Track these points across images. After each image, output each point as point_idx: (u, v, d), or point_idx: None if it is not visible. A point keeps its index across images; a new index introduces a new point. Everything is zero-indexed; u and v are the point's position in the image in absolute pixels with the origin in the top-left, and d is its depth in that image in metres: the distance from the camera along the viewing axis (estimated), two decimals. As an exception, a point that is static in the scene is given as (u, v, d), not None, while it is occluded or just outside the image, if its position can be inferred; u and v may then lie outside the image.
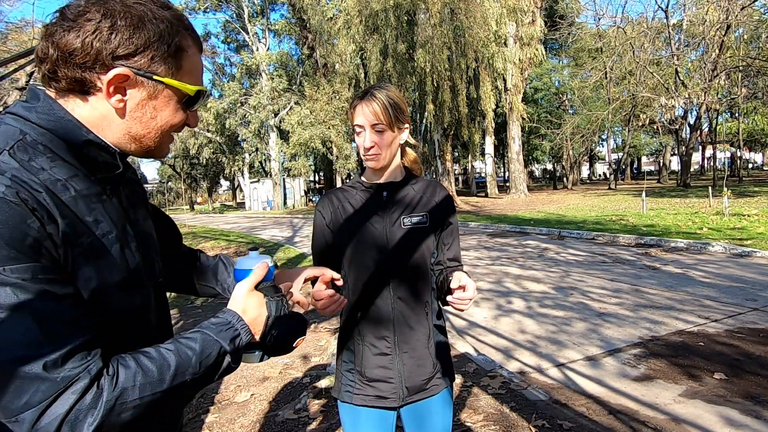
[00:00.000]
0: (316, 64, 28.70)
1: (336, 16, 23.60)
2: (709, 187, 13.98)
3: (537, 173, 53.53)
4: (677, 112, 21.84)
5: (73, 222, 0.64)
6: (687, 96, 19.55)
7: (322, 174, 41.38)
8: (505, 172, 41.60)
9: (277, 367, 3.52)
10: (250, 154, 35.07)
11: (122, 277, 0.70)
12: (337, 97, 24.26)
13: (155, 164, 52.96)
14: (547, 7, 27.95)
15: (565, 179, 31.04)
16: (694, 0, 20.60)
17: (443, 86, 19.25)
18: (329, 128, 24.89)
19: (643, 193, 13.85)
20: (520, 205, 19.56)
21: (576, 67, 29.29)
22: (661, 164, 32.59)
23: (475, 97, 20.31)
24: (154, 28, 0.69)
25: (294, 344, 0.86)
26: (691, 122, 22.89)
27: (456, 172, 39.72)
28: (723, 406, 2.61)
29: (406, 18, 19.65)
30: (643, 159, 48.46)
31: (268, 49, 31.06)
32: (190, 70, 0.76)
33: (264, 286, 0.85)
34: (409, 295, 1.26)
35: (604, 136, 37.35)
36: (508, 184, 27.43)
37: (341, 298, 1.10)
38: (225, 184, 57.81)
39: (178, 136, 34.36)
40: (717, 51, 18.81)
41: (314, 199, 33.80)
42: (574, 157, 30.83)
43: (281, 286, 0.94)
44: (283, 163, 30.05)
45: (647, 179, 29.70)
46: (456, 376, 3.10)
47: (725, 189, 10.87)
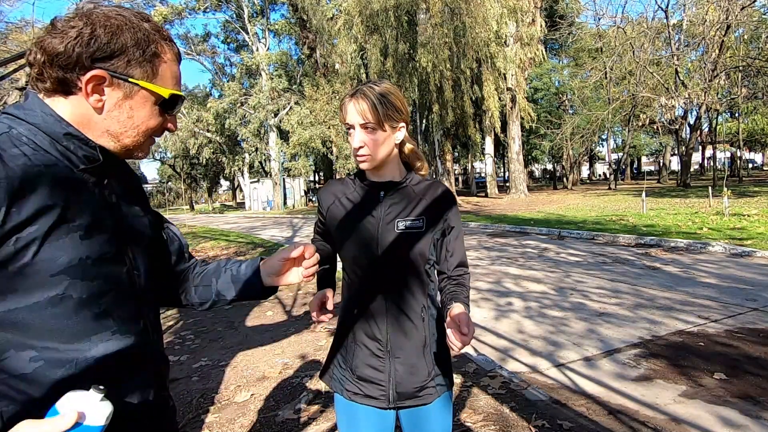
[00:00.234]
0: (316, 64, 28.71)
1: (336, 16, 23.64)
2: (709, 187, 13.98)
3: (537, 173, 53.51)
4: (677, 112, 21.84)
5: (35, 206, 0.68)
6: (687, 96, 19.54)
7: (322, 174, 41.40)
8: (505, 172, 41.60)
9: (276, 367, 3.52)
10: (250, 154, 35.07)
11: (70, 264, 0.71)
12: (337, 97, 24.30)
13: (155, 164, 53.00)
14: (547, 7, 27.96)
15: (565, 179, 31.03)
16: (694, 0, 20.59)
17: (445, 86, 19.27)
18: (329, 128, 24.92)
19: (643, 193, 13.84)
20: (520, 205, 19.56)
21: (576, 67, 29.28)
22: (661, 164, 32.60)
23: (479, 96, 20.34)
24: (132, 35, 0.76)
25: None
26: (691, 122, 22.89)
27: (456, 172, 39.76)
28: (722, 406, 2.61)
29: (406, 18, 19.67)
30: (643, 159, 48.44)
31: (268, 49, 31.06)
32: (166, 76, 0.82)
33: None
34: (403, 300, 1.21)
35: (604, 136, 37.34)
36: (508, 184, 27.43)
37: (333, 315, 1.21)
38: (225, 184, 57.82)
39: (178, 136, 34.65)
40: (717, 51, 18.81)
41: (314, 199, 33.76)
42: (574, 157, 30.82)
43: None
44: (283, 163, 30.07)
45: (647, 179, 29.68)
46: (456, 376, 3.10)
47: (725, 189, 10.86)
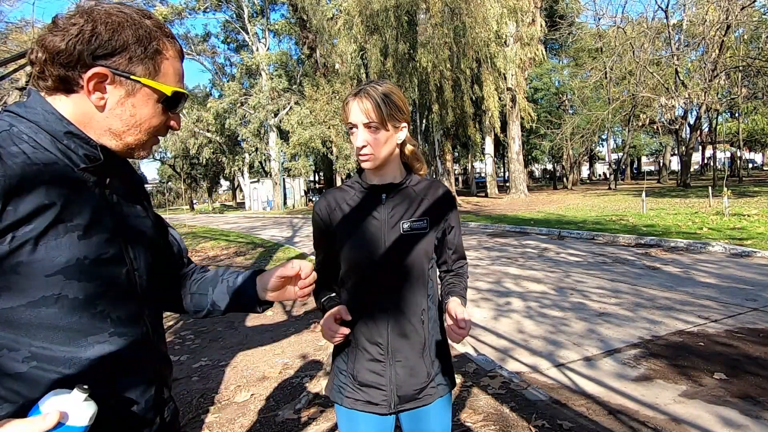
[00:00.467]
0: (316, 64, 28.70)
1: (336, 16, 23.64)
2: (709, 187, 13.98)
3: (537, 173, 53.50)
4: (677, 112, 21.83)
5: (32, 205, 0.67)
6: (687, 96, 19.54)
7: (322, 174, 41.38)
8: (504, 172, 41.60)
9: (276, 367, 3.52)
10: (250, 154, 35.05)
11: (67, 264, 0.70)
12: (337, 97, 24.29)
13: (155, 164, 52.97)
14: (547, 7, 27.96)
15: (565, 179, 31.03)
16: (694, 0, 20.59)
17: (445, 86, 19.27)
18: (329, 128, 24.91)
19: (643, 193, 13.84)
20: (520, 205, 19.55)
21: (576, 67, 29.27)
22: (661, 164, 32.59)
23: (480, 96, 20.33)
24: (133, 32, 0.75)
25: None
26: (691, 122, 22.89)
27: (456, 172, 39.76)
28: (722, 406, 2.61)
29: (406, 18, 19.67)
30: (643, 159, 48.45)
31: (268, 49, 31.05)
32: (168, 73, 0.81)
33: None
34: (405, 303, 1.22)
35: (604, 136, 37.33)
36: (508, 184, 27.43)
37: (347, 332, 1.20)
38: (225, 184, 57.81)
39: (178, 136, 34.64)
40: (717, 51, 18.81)
41: (314, 199, 33.77)
42: (574, 157, 30.82)
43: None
44: (283, 163, 30.05)
45: (647, 179, 29.68)
46: (456, 376, 3.10)
47: (725, 189, 10.86)
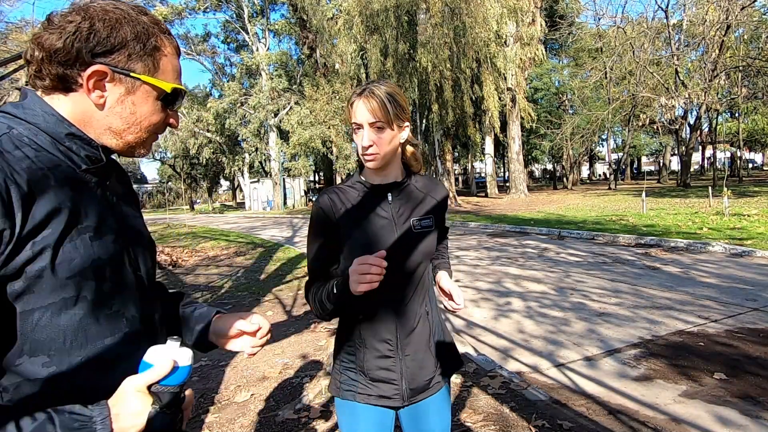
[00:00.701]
0: (316, 64, 28.69)
1: (336, 16, 23.65)
2: (709, 187, 13.98)
3: (537, 173, 53.49)
4: (677, 112, 21.84)
5: (45, 209, 0.66)
6: (687, 96, 19.53)
7: (322, 174, 41.38)
8: (505, 172, 41.59)
9: (276, 367, 3.52)
10: (250, 154, 35.01)
11: (83, 266, 0.70)
12: (337, 97, 24.25)
13: (155, 164, 52.97)
14: (547, 7, 27.94)
15: (565, 179, 31.02)
16: (694, 0, 20.59)
17: (445, 86, 19.26)
18: (329, 128, 24.88)
19: (643, 193, 13.84)
20: (520, 205, 19.55)
21: (576, 67, 29.26)
22: (661, 164, 32.59)
23: (480, 96, 20.32)
24: (131, 29, 0.74)
25: None
26: (691, 122, 22.89)
27: (456, 172, 39.74)
28: (722, 406, 2.61)
29: (406, 18, 19.68)
30: (643, 159, 48.44)
31: (268, 49, 31.02)
32: (167, 69, 0.80)
33: (161, 390, 0.66)
34: (413, 298, 1.24)
35: (604, 136, 37.33)
36: (508, 184, 27.42)
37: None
38: (225, 184, 57.78)
39: (178, 136, 34.64)
40: (717, 51, 18.80)
41: (314, 199, 33.74)
42: (574, 157, 30.81)
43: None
44: (283, 163, 30.03)
45: (647, 179, 29.68)
46: (456, 376, 3.10)
47: (725, 189, 10.87)
